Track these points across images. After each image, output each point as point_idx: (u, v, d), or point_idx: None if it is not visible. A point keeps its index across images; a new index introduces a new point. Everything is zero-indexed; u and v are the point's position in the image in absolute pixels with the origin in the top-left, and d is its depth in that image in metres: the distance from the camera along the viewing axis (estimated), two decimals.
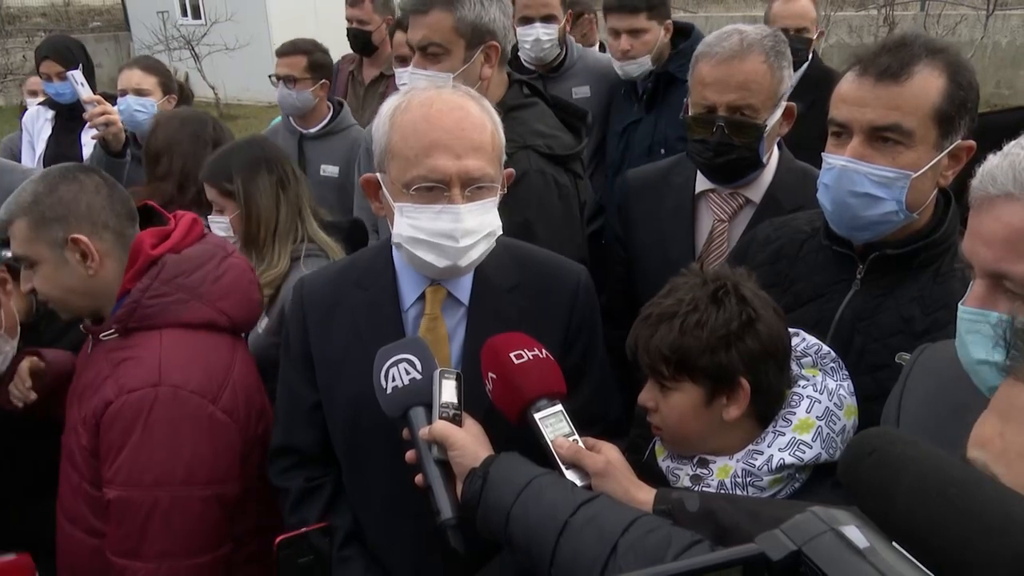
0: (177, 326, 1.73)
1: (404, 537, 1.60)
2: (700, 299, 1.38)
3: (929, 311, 1.55)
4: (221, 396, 1.71)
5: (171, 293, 1.73)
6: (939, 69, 1.49)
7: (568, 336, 1.61)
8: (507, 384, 1.36)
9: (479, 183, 1.45)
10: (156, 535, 1.64)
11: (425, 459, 1.35)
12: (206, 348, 1.75)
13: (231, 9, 14.61)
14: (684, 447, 1.45)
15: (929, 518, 0.56)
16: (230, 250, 1.90)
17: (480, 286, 1.59)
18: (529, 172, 2.10)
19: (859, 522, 0.51)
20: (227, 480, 1.71)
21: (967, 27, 11.20)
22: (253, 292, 1.87)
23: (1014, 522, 0.54)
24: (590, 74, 3.60)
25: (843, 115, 1.54)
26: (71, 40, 4.45)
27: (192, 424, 1.66)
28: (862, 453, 0.63)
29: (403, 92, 1.52)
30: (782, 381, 1.43)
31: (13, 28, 18.22)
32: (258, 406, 1.83)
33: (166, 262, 1.74)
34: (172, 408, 1.64)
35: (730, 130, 1.98)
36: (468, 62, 2.15)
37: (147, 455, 1.63)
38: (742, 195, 2.13)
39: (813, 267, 1.72)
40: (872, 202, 1.52)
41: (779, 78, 1.98)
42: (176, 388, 1.65)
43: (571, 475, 1.30)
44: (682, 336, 1.36)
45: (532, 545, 1.21)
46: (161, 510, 1.63)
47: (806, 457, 1.35)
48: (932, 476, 0.59)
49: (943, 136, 1.51)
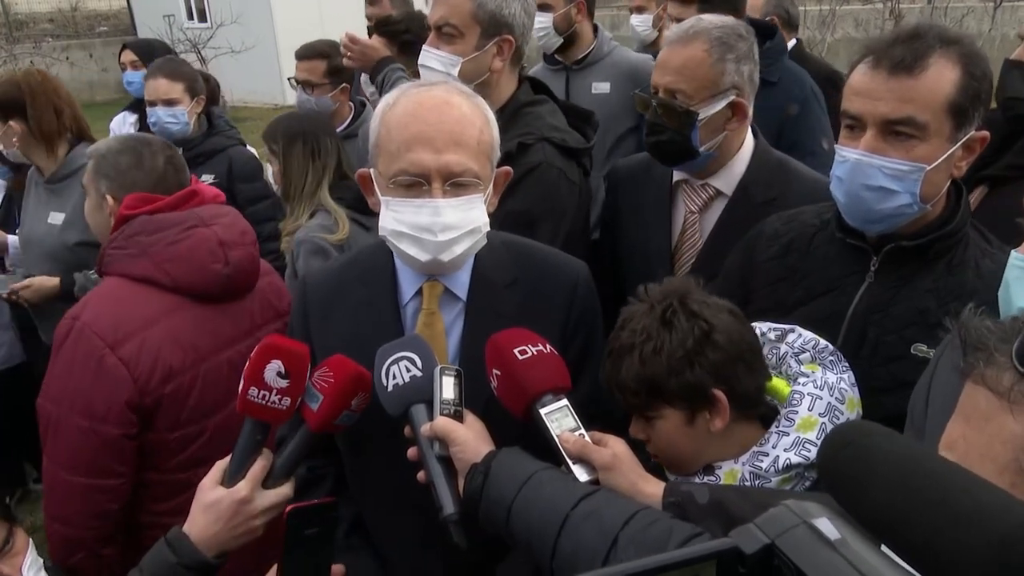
0: (121, 275, 1.94)
1: (405, 530, 1.61)
2: (651, 326, 1.38)
3: (944, 302, 1.53)
4: (123, 344, 1.85)
5: (127, 247, 1.95)
6: (953, 60, 1.47)
7: (567, 332, 1.61)
8: (512, 380, 1.35)
9: (460, 178, 1.44)
10: (49, 443, 1.88)
11: (427, 455, 1.36)
12: (133, 300, 1.92)
13: (237, 12, 14.67)
14: (685, 468, 1.45)
15: (901, 509, 0.57)
16: (208, 223, 2.01)
17: (478, 282, 1.59)
18: (543, 164, 2.11)
19: (831, 514, 0.52)
20: (106, 420, 1.83)
21: (975, 19, 11.13)
22: (210, 263, 1.97)
23: (984, 513, 0.54)
24: (614, 71, 3.48)
25: (856, 108, 1.52)
26: (156, 42, 4.95)
27: (84, 360, 1.83)
28: (838, 445, 0.64)
29: (398, 89, 1.53)
30: (758, 377, 1.42)
31: (20, 34, 18.33)
32: (169, 367, 1.91)
33: (135, 222, 1.96)
34: (77, 342, 1.84)
35: (662, 111, 2.02)
36: (480, 50, 2.16)
37: (54, 373, 1.87)
38: (712, 186, 2.14)
39: (825, 260, 1.71)
40: (887, 195, 1.51)
41: (720, 69, 1.98)
42: (84, 325, 1.85)
43: (578, 470, 1.30)
44: (643, 367, 1.37)
45: (533, 539, 1.21)
46: (53, 423, 1.86)
47: (812, 456, 1.34)
48: (905, 468, 0.59)
49: (957, 128, 1.49)
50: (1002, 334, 0.72)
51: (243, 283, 2.08)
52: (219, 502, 1.39)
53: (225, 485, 1.42)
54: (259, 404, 1.37)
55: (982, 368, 0.72)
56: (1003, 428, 0.69)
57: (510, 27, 2.14)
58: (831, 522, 0.51)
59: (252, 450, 1.44)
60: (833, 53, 10.15)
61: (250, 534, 1.43)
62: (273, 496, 1.44)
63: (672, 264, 2.20)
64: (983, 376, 0.72)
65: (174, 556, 1.36)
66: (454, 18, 2.17)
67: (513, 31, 2.15)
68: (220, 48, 13.76)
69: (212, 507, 1.39)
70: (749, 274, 1.84)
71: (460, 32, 2.17)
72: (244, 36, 14.27)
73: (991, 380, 0.71)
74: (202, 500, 1.40)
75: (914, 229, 1.58)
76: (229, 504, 1.39)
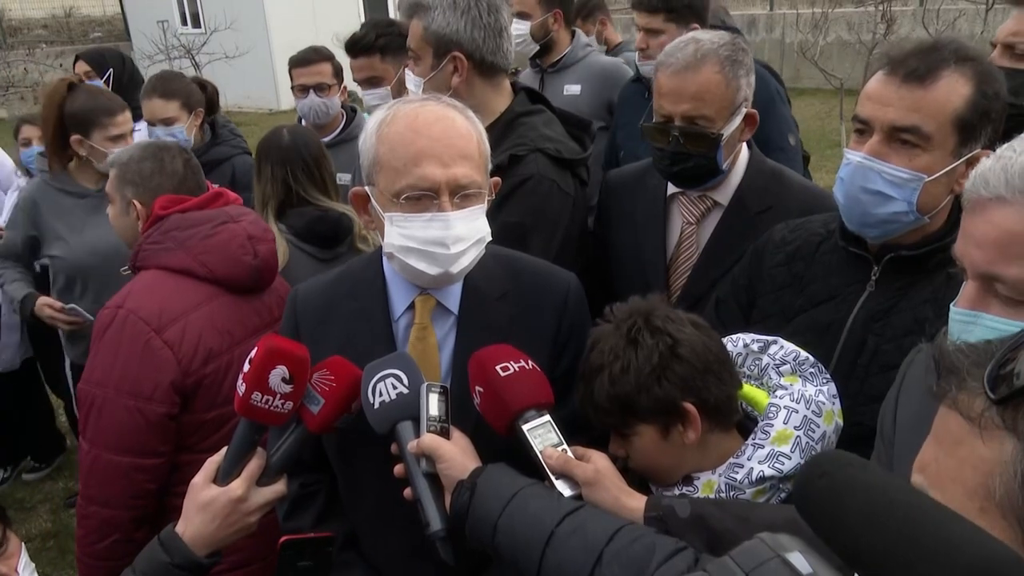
0: (160, 268, 2.10)
1: (397, 544, 1.61)
2: (617, 345, 1.41)
3: (942, 312, 1.51)
4: (167, 328, 2.00)
5: (163, 242, 2.11)
6: (966, 77, 1.48)
7: (558, 343, 1.62)
8: (494, 396, 1.36)
9: (467, 190, 1.46)
10: (90, 424, 2.00)
11: (413, 472, 1.36)
12: (174, 289, 2.07)
13: (230, 17, 14.65)
14: (666, 480, 1.47)
15: (874, 542, 0.58)
16: (236, 219, 2.19)
17: (469, 295, 1.59)
18: (535, 176, 2.11)
19: (803, 547, 0.52)
20: (152, 399, 1.97)
21: (966, 22, 11.16)
22: (241, 255, 2.14)
23: (951, 544, 0.55)
24: (585, 74, 3.70)
25: (866, 112, 1.54)
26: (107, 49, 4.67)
27: (130, 344, 1.97)
28: (813, 476, 0.65)
29: (387, 106, 1.53)
30: (728, 387, 1.44)
31: (15, 40, 18.29)
32: (209, 349, 2.07)
33: (169, 220, 2.13)
34: (122, 328, 1.98)
35: (685, 140, 2.00)
36: (436, 70, 2.20)
37: (97, 360, 2.01)
38: (710, 198, 2.15)
39: (828, 269, 1.73)
40: (883, 200, 1.52)
41: (735, 87, 1.99)
42: (129, 312, 1.99)
43: (561, 485, 1.31)
44: (613, 386, 1.39)
45: (519, 556, 1.22)
46: (96, 406, 1.98)
47: (785, 468, 1.36)
48: (879, 500, 0.60)
49: (962, 143, 1.50)
50: (976, 358, 0.72)
51: (268, 276, 2.25)
52: (214, 501, 1.40)
53: (218, 483, 1.43)
54: (262, 408, 1.38)
55: (954, 392, 0.73)
56: (973, 453, 0.70)
57: (459, 43, 2.17)
58: (803, 556, 0.52)
59: (247, 450, 1.44)
60: (826, 56, 10.18)
61: (245, 531, 1.45)
62: (268, 493, 1.46)
63: (668, 275, 2.21)
64: (955, 401, 0.72)
65: (167, 556, 1.38)
66: (412, 42, 2.24)
67: (463, 47, 2.17)
68: (214, 54, 13.74)
69: (208, 506, 1.40)
70: (756, 280, 1.86)
71: (417, 55, 2.24)
72: (238, 41, 14.25)
73: (963, 405, 0.71)
74: (196, 499, 1.42)
75: (915, 239, 1.59)
76: (225, 503, 1.40)
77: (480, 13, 2.17)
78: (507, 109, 2.27)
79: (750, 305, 1.86)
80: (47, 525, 4.19)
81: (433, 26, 2.17)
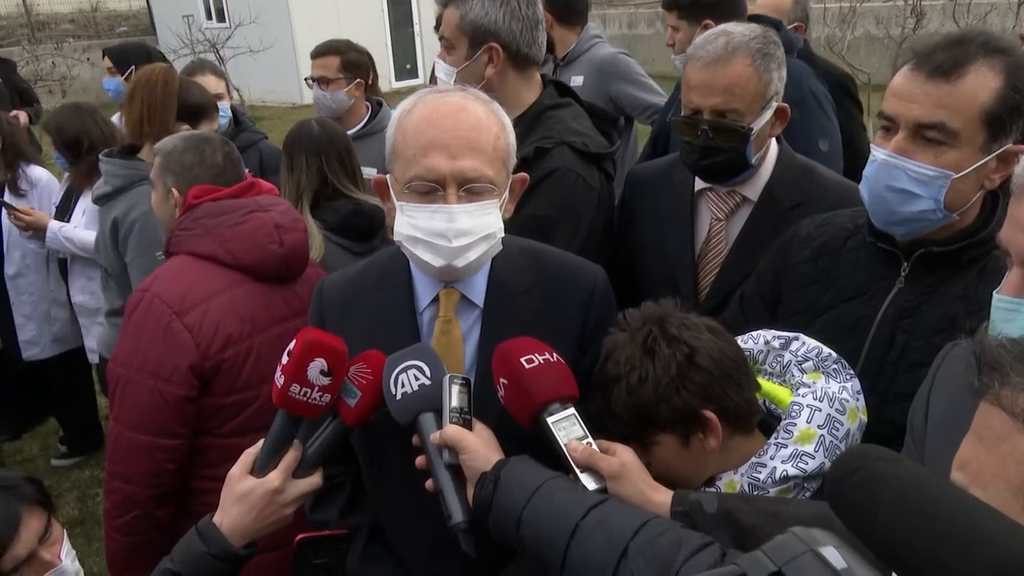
0: (188, 253, 2.16)
1: (423, 538, 1.61)
2: (634, 355, 1.39)
3: (973, 309, 1.51)
4: (188, 312, 2.04)
5: (193, 228, 2.16)
6: (996, 70, 1.44)
7: (584, 337, 1.60)
8: (518, 389, 1.35)
9: (474, 184, 1.44)
10: (116, 403, 2.07)
11: (436, 464, 1.36)
12: (199, 274, 2.12)
13: (255, 12, 14.74)
14: (688, 485, 1.44)
15: (908, 536, 0.57)
16: (266, 209, 2.22)
17: (494, 288, 1.59)
18: (561, 169, 2.11)
19: (838, 542, 0.52)
20: (170, 381, 2.02)
21: (998, 16, 10.96)
22: (267, 243, 2.17)
23: (985, 539, 0.54)
24: (587, 66, 3.94)
25: (891, 108, 1.51)
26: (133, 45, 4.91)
27: (153, 326, 2.03)
28: (846, 471, 0.64)
29: (415, 95, 1.54)
30: (746, 392, 1.42)
31: (42, 35, 18.53)
32: (228, 334, 2.10)
33: (200, 207, 2.19)
34: (147, 310, 2.05)
35: (714, 134, 1.97)
36: (470, 59, 2.20)
37: (124, 341, 2.08)
38: (739, 193, 2.12)
39: (856, 264, 1.70)
40: (908, 198, 1.50)
41: (766, 80, 1.96)
42: (154, 295, 2.06)
43: (586, 478, 1.30)
44: (631, 397, 1.37)
45: (543, 549, 1.21)
46: (122, 385, 2.04)
47: (809, 468, 1.34)
48: (912, 495, 0.59)
49: (992, 139, 1.46)
50: (1019, 353, 0.71)
51: (296, 265, 2.26)
52: (251, 492, 1.42)
53: (255, 475, 1.44)
54: (300, 400, 1.39)
55: (997, 388, 0.71)
56: (1017, 449, 0.69)
57: (496, 34, 2.16)
58: (838, 551, 0.51)
59: (284, 441, 1.45)
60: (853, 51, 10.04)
61: (281, 522, 1.46)
62: (304, 485, 1.47)
63: (696, 271, 2.19)
64: (998, 396, 0.71)
65: (204, 546, 1.39)
66: (447, 30, 2.24)
67: (500, 38, 2.17)
68: (239, 48, 13.83)
69: (245, 497, 1.42)
70: (782, 275, 1.83)
71: (452, 44, 2.23)
72: (262, 36, 14.34)
73: (1006, 401, 0.70)
74: (234, 490, 1.43)
75: (946, 235, 1.56)
76: (262, 494, 1.42)
77: (519, 4, 2.18)
78: (535, 102, 2.26)
79: (775, 301, 1.84)
80: (74, 512, 4.25)
81: (471, 15, 2.16)
